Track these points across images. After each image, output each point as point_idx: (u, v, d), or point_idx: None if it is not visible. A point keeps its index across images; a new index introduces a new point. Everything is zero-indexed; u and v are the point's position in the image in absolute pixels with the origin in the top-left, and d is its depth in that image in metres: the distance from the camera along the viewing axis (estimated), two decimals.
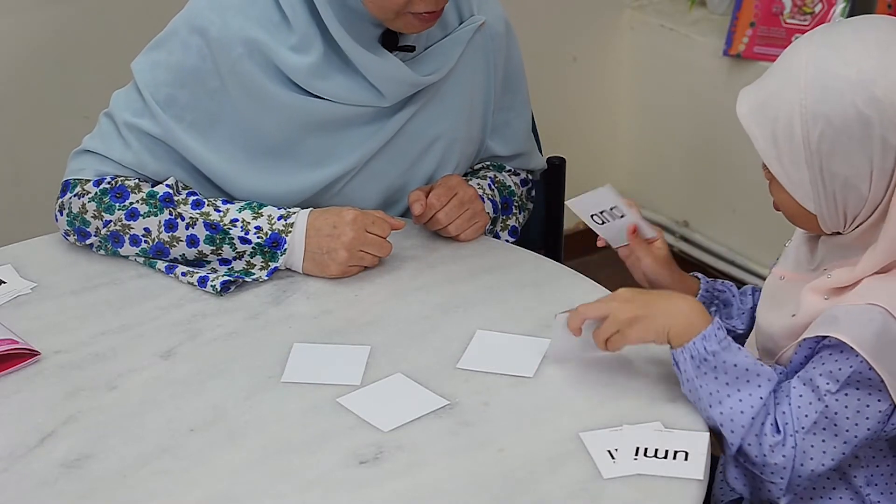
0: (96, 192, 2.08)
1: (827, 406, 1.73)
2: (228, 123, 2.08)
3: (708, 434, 1.75)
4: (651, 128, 3.65)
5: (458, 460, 1.72)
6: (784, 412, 1.75)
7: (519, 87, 2.28)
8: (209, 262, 2.07)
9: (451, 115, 2.17)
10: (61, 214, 2.11)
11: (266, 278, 2.05)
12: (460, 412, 1.80)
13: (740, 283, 3.42)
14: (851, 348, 1.71)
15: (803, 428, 1.74)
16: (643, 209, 3.66)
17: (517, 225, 2.27)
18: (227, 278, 2.03)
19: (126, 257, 2.10)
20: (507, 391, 1.84)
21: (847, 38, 1.74)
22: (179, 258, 2.07)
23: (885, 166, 1.72)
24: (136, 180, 2.09)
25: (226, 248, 2.05)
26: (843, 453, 1.75)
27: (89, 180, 2.10)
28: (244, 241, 2.05)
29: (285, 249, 2.05)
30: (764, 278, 3.35)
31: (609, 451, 1.72)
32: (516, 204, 2.26)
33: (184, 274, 2.05)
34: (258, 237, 2.05)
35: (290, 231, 2.05)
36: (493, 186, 2.22)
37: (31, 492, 1.67)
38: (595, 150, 3.69)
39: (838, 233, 1.80)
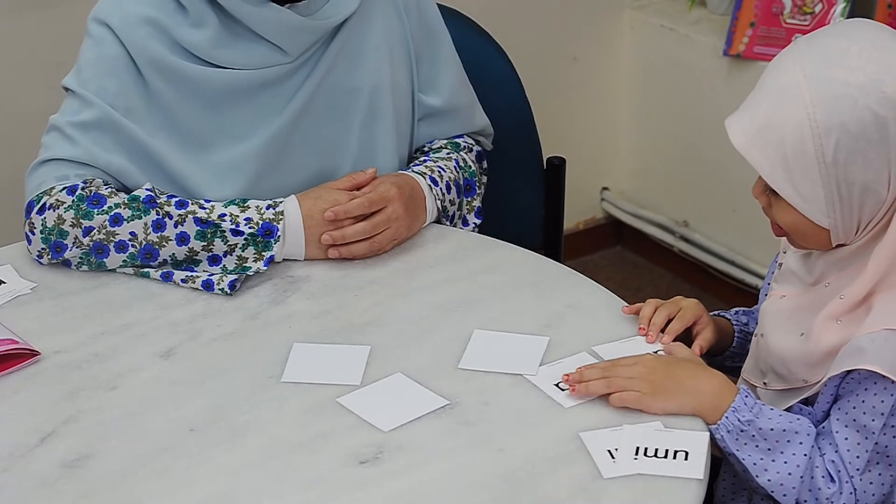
0: (73, 200, 2.05)
1: (877, 442, 1.73)
2: (156, 110, 2.10)
3: (708, 434, 1.75)
4: (651, 128, 3.65)
5: (458, 460, 1.72)
6: (833, 460, 1.75)
7: (441, 39, 2.28)
8: (198, 263, 2.06)
9: (368, 65, 2.17)
10: (32, 234, 2.07)
11: (265, 268, 2.05)
12: (460, 412, 1.80)
13: (740, 283, 3.44)
14: (884, 377, 1.70)
15: (858, 470, 1.74)
16: (643, 209, 3.69)
17: (480, 205, 2.28)
18: (233, 277, 2.03)
19: (112, 271, 2.07)
20: (507, 391, 1.84)
21: (838, 44, 1.72)
22: (168, 259, 2.05)
23: None
24: (110, 188, 2.08)
25: (217, 242, 2.05)
26: None
27: (60, 189, 2.07)
28: (236, 233, 2.04)
29: (278, 237, 2.05)
30: (763, 277, 3.35)
31: (609, 451, 1.71)
32: (478, 182, 2.27)
33: (183, 280, 2.05)
34: (250, 227, 2.05)
35: (282, 219, 2.05)
36: (458, 168, 2.23)
37: (31, 492, 1.67)
38: (595, 150, 3.69)
39: (840, 245, 1.80)
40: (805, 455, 1.74)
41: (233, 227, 2.04)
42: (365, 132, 2.19)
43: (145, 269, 2.06)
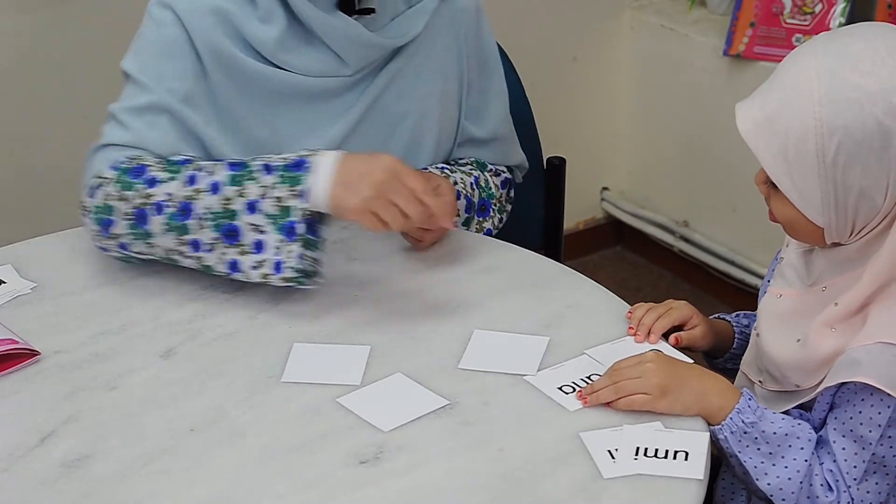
0: (116, 175, 1.99)
1: (874, 453, 1.73)
2: (212, 100, 2.07)
3: (708, 434, 1.75)
4: (651, 128, 3.65)
5: (458, 460, 1.72)
6: (831, 470, 1.75)
7: (494, 71, 2.27)
8: (235, 215, 1.94)
9: (421, 91, 2.17)
10: (86, 217, 2.02)
11: (303, 205, 1.90)
12: (460, 412, 1.80)
13: (740, 283, 3.44)
14: (879, 389, 1.70)
15: (855, 479, 1.74)
16: (643, 209, 3.70)
17: (492, 228, 2.26)
18: (298, 251, 1.92)
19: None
20: (507, 391, 1.84)
21: (856, 47, 1.71)
22: (204, 213, 1.95)
23: None
24: (155, 159, 2.02)
25: (250, 185, 1.94)
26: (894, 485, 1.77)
27: (105, 169, 2.02)
28: (268, 169, 1.95)
29: (308, 167, 1.93)
30: (763, 277, 3.36)
31: (609, 451, 1.71)
32: (495, 207, 2.26)
33: (254, 267, 1.95)
34: (282, 161, 1.96)
35: (314, 154, 1.96)
36: (475, 186, 2.22)
37: (31, 492, 1.67)
38: (595, 150, 3.69)
39: (836, 243, 1.80)
40: (805, 461, 1.74)
41: (264, 164, 1.96)
42: (405, 155, 2.16)
43: (205, 263, 1.98)
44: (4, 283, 2.05)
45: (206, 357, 1.91)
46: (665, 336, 1.93)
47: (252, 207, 1.95)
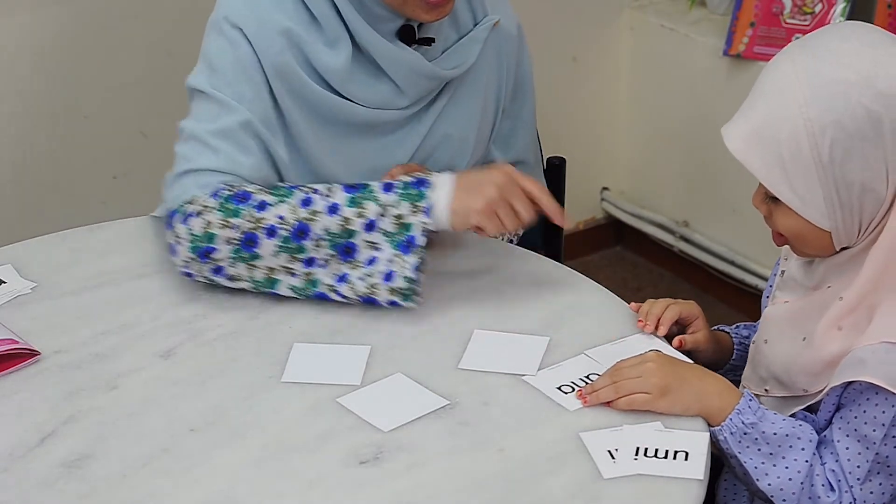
0: (219, 202, 1.96)
1: (878, 453, 1.73)
2: (283, 124, 2.05)
3: (708, 434, 1.75)
4: (651, 128, 3.65)
5: (458, 460, 1.72)
6: (833, 469, 1.75)
7: (527, 97, 2.27)
8: (354, 234, 1.94)
9: (465, 115, 2.17)
10: (179, 245, 1.97)
11: (427, 221, 1.93)
12: (460, 412, 1.80)
13: (740, 283, 3.44)
14: (885, 389, 1.70)
15: (858, 479, 1.74)
16: (643, 209, 3.70)
17: None
18: (415, 261, 1.93)
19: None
20: (507, 391, 1.84)
21: (830, 44, 1.72)
22: (321, 234, 1.94)
23: None
24: (256, 186, 1.99)
25: (369, 204, 1.94)
26: None
27: (202, 196, 1.97)
28: (388, 187, 1.95)
29: (430, 185, 1.94)
30: (763, 277, 3.35)
31: (609, 451, 1.72)
32: None
33: (361, 278, 1.94)
34: (401, 181, 1.96)
35: (432, 174, 1.97)
36: None
37: (31, 492, 1.67)
38: (595, 150, 3.69)
39: (843, 248, 1.80)
40: (806, 461, 1.74)
41: (383, 184, 1.96)
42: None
43: (313, 278, 1.97)
44: (4, 283, 2.05)
45: (206, 357, 1.91)
46: (668, 339, 1.93)
47: (370, 226, 1.95)
